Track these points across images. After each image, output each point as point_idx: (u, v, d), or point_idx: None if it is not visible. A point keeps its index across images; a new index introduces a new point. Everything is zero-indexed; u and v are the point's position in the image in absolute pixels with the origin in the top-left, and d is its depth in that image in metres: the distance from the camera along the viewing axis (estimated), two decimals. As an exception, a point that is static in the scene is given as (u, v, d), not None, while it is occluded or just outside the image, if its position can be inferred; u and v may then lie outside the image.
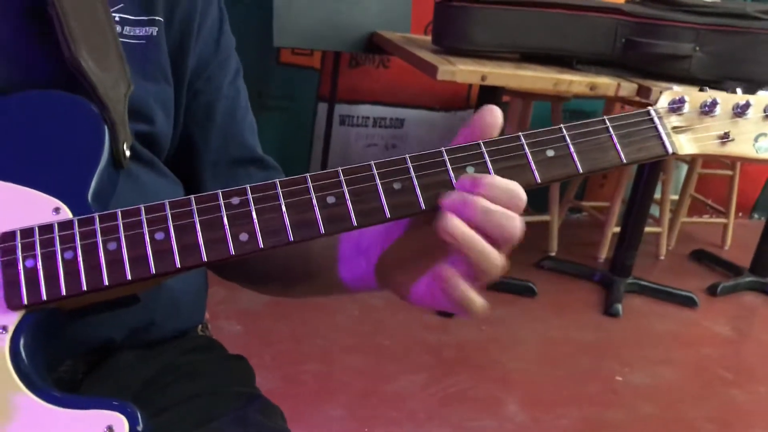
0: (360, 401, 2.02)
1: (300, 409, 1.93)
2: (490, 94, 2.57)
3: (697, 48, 2.36)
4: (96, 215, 0.59)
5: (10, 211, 0.60)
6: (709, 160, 3.48)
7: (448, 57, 2.30)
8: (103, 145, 0.63)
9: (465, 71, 2.17)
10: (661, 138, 0.62)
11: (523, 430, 2.02)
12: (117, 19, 0.71)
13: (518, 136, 0.61)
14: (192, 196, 0.60)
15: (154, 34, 0.74)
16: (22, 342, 0.56)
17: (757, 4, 2.40)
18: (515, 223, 0.56)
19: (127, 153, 0.66)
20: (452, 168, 0.60)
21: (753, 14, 2.35)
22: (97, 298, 0.59)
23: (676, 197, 3.56)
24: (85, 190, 0.61)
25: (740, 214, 3.99)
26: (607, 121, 0.62)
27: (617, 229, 3.06)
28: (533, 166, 0.61)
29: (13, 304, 0.57)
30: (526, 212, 0.63)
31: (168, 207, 0.59)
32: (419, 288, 0.61)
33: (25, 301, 0.57)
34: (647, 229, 3.06)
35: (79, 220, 0.59)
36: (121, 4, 0.71)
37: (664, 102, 0.63)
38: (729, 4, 2.39)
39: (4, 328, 0.57)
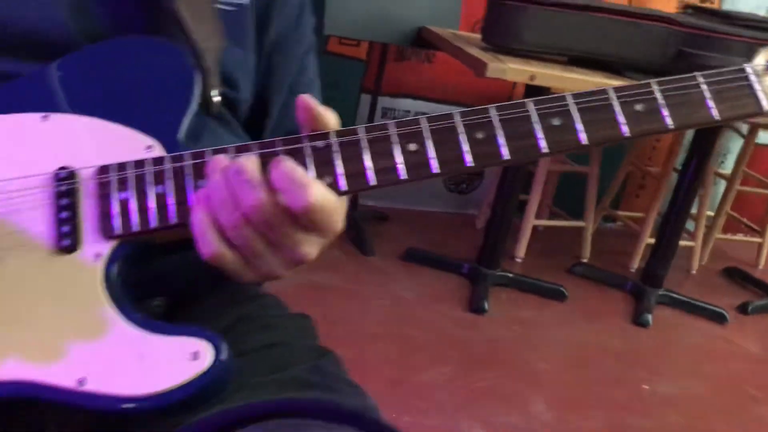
0: (389, 389, 2.04)
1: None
2: (535, 94, 2.57)
3: (748, 62, 2.34)
4: (187, 153, 0.61)
5: (106, 147, 0.62)
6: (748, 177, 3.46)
7: (497, 55, 2.31)
8: (194, 89, 0.66)
9: (514, 69, 2.18)
10: (756, 96, 0.62)
11: (549, 428, 2.02)
12: None
13: (605, 90, 0.62)
14: (277, 139, 0.61)
15: (245, 2, 0.77)
16: (115, 269, 0.59)
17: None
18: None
19: (216, 99, 0.69)
20: (536, 120, 0.62)
21: (808, 31, 2.33)
22: (183, 234, 0.61)
23: (711, 213, 3.53)
24: (176, 131, 0.64)
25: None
26: (700, 77, 0.62)
27: (651, 241, 3.04)
28: (620, 120, 0.62)
29: (107, 233, 0.59)
30: (561, 217, 0.63)
31: (257, 147, 0.61)
32: None
33: (119, 231, 0.59)
34: (681, 242, 3.04)
35: (171, 157, 0.61)
36: None
37: (761, 60, 0.63)
38: (784, 19, 2.37)
39: (98, 255, 0.59)
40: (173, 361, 0.56)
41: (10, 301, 0.58)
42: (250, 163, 0.57)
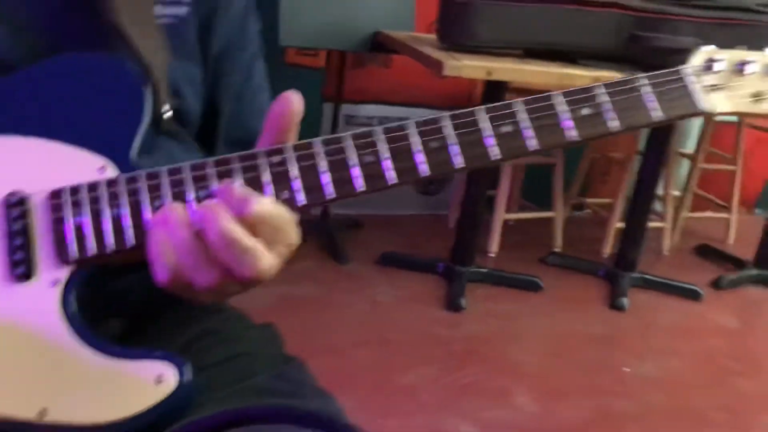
0: (372, 394, 2.03)
1: (313, 402, 1.93)
2: (494, 90, 2.59)
3: (700, 41, 2.37)
4: (142, 173, 0.60)
5: (58, 169, 0.61)
6: (711, 156, 3.51)
7: (453, 54, 2.32)
8: (145, 105, 0.64)
9: (470, 66, 2.19)
10: (692, 96, 0.64)
11: (534, 419, 2.03)
12: None
13: (549, 96, 0.63)
14: (234, 155, 0.61)
15: (183, 14, 0.76)
16: (73, 295, 0.58)
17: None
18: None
19: (166, 115, 0.68)
20: (485, 127, 0.62)
21: (755, 8, 2.37)
22: (142, 256, 0.61)
23: (678, 194, 3.58)
24: (128, 150, 0.63)
25: (743, 210, 4.00)
26: (643, 80, 0.64)
27: (621, 225, 3.08)
28: (570, 124, 0.63)
29: (63, 259, 0.58)
30: (530, 209, 0.64)
31: (212, 165, 0.60)
32: None
33: (75, 257, 0.58)
34: (651, 224, 3.08)
35: (125, 178, 0.60)
36: None
37: (698, 61, 0.66)
38: (730, -3, 2.41)
39: (55, 282, 0.58)
40: (137, 386, 0.55)
41: (-33, 335, 0.57)
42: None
